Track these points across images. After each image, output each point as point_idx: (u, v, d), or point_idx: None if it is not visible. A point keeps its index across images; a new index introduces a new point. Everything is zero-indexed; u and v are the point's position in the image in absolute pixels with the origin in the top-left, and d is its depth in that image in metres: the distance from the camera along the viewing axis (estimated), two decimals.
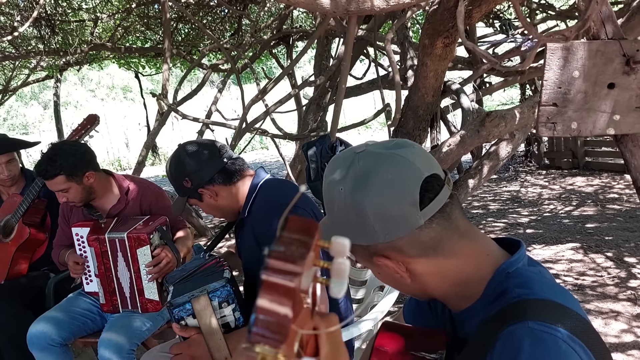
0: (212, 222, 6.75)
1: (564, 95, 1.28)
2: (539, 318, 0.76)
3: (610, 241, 4.45)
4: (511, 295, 0.81)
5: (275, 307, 0.40)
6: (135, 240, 2.13)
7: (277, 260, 0.41)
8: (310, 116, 5.30)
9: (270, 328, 0.40)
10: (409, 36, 4.29)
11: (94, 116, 2.71)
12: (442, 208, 0.84)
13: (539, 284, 0.83)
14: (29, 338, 2.22)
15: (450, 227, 0.85)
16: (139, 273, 2.17)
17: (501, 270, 0.85)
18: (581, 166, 7.68)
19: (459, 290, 0.88)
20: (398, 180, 0.82)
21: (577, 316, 0.79)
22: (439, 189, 0.84)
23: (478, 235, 0.89)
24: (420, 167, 0.83)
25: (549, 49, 1.28)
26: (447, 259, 0.86)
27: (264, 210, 1.70)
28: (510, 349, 0.75)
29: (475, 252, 0.87)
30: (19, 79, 8.25)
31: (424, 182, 0.83)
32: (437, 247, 0.85)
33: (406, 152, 0.85)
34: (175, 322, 1.48)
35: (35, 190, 2.61)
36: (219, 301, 1.46)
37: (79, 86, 26.27)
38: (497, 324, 0.79)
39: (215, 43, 4.49)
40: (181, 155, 1.74)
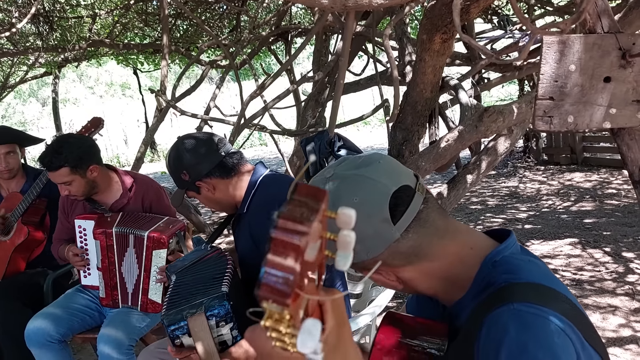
0: (210, 219, 6.76)
1: (560, 89, 1.28)
2: (525, 300, 0.76)
3: (608, 236, 4.46)
4: (498, 281, 0.82)
5: (283, 261, 0.42)
6: (155, 242, 2.13)
7: (286, 220, 0.43)
8: (308, 112, 5.29)
9: (278, 281, 0.42)
10: (407, 32, 4.29)
11: (98, 119, 2.69)
12: (416, 216, 0.85)
13: (526, 270, 0.83)
14: (27, 335, 2.22)
15: (428, 232, 0.86)
16: (149, 273, 2.18)
17: (487, 260, 0.86)
18: (579, 162, 7.69)
19: (448, 287, 0.90)
20: (365, 202, 0.83)
21: (565, 299, 0.79)
22: (409, 200, 0.85)
23: (459, 231, 0.90)
24: (386, 184, 0.84)
25: (545, 43, 1.28)
26: (431, 262, 0.87)
27: (261, 207, 1.70)
28: (495, 333, 0.75)
29: (458, 249, 0.88)
30: (17, 76, 8.23)
31: (392, 198, 0.84)
32: (419, 253, 0.86)
33: (371, 170, 0.86)
34: (170, 339, 1.43)
35: (36, 191, 2.60)
36: (216, 320, 1.42)
37: (77, 83, 26.23)
38: (483, 309, 0.79)
39: (214, 39, 4.49)
40: (179, 148, 1.75)
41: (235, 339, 1.45)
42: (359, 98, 14.60)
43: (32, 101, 25.60)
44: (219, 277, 1.54)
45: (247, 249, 1.76)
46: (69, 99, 24.45)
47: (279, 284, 0.42)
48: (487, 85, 5.27)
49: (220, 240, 5.22)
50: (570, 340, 0.74)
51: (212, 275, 1.58)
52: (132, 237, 2.19)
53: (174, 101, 4.17)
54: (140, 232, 2.16)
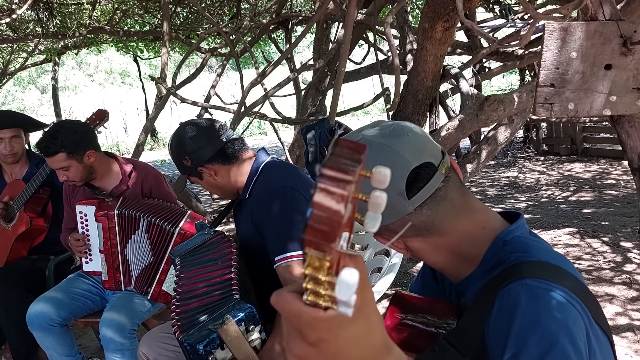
0: (211, 207, 6.78)
1: (561, 76, 1.29)
2: (536, 276, 0.79)
3: (606, 226, 4.48)
4: (509, 259, 0.84)
5: (330, 204, 0.42)
6: (185, 238, 2.09)
7: (331, 169, 0.43)
8: (309, 101, 5.29)
9: (324, 222, 0.42)
10: (409, 20, 4.28)
11: (103, 111, 2.67)
12: (434, 193, 0.87)
13: (536, 249, 0.85)
14: (29, 318, 2.24)
15: (444, 209, 0.88)
16: (169, 266, 2.17)
17: (498, 240, 0.88)
18: (579, 152, 7.70)
19: (456, 263, 0.91)
20: None
21: (574, 278, 0.81)
22: (429, 177, 0.86)
23: (475, 209, 0.91)
24: (409, 159, 0.85)
25: (547, 30, 1.28)
26: (441, 237, 0.89)
27: (264, 194, 1.72)
28: (507, 305, 0.77)
29: (470, 227, 0.90)
30: (17, 63, 8.21)
31: (411, 173, 0.85)
32: (430, 227, 0.88)
33: (398, 142, 0.86)
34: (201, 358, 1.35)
35: (39, 180, 2.60)
36: (245, 325, 1.37)
37: (77, 70, 26.14)
38: (495, 285, 0.81)
39: (215, 26, 4.47)
40: (181, 134, 1.76)
41: (264, 341, 1.43)
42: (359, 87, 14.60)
43: (32, 88, 25.52)
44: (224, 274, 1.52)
45: (248, 235, 1.77)
46: (68, 86, 24.38)
47: (325, 226, 0.42)
48: (488, 75, 5.27)
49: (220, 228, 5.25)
50: (580, 315, 0.76)
51: (216, 264, 1.58)
52: (144, 221, 2.20)
53: (175, 89, 4.16)
54: (164, 223, 2.14)
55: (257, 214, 1.71)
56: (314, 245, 0.43)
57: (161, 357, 1.86)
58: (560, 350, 0.72)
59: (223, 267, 1.57)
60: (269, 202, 1.67)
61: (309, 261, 0.44)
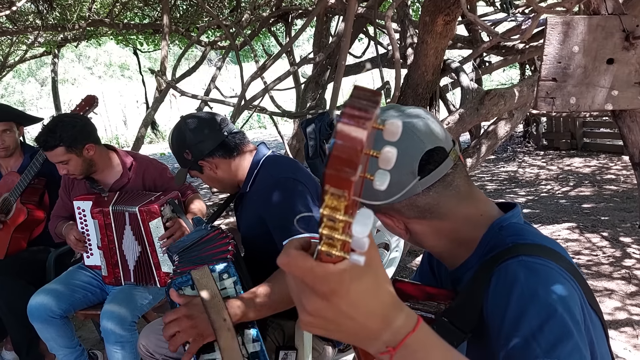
0: (210, 200, 6.78)
1: (563, 70, 1.28)
2: (532, 254, 0.81)
3: (606, 221, 4.49)
4: (504, 242, 0.86)
5: (352, 132, 0.45)
6: (147, 213, 2.13)
7: (352, 108, 0.45)
8: (308, 94, 5.28)
9: (345, 151, 0.45)
10: (409, 14, 4.26)
11: (92, 97, 2.67)
12: (442, 177, 0.89)
13: (531, 234, 0.88)
14: (30, 310, 2.24)
15: (449, 194, 0.90)
16: (154, 247, 2.18)
17: (495, 225, 0.90)
18: (579, 147, 7.70)
19: (454, 247, 0.93)
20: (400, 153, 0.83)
21: (568, 261, 0.84)
22: (440, 161, 0.88)
23: (477, 198, 0.94)
24: (424, 140, 0.87)
25: (549, 24, 1.28)
26: (442, 221, 0.91)
27: (265, 186, 1.72)
28: (505, 279, 0.80)
29: (470, 213, 0.92)
30: (17, 55, 8.18)
31: (425, 155, 0.87)
32: (434, 210, 0.90)
33: (413, 123, 0.88)
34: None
35: (33, 170, 2.59)
36: (219, 273, 1.43)
37: (76, 63, 26.06)
38: (491, 263, 0.84)
39: (215, 19, 4.46)
40: (182, 127, 1.76)
41: (239, 293, 1.46)
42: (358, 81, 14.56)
43: (31, 81, 25.44)
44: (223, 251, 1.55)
45: (251, 228, 1.77)
46: (67, 79, 24.30)
47: (347, 154, 0.45)
48: (489, 69, 5.26)
49: (219, 222, 5.24)
50: (575, 292, 0.79)
51: (216, 252, 1.59)
52: (127, 214, 2.20)
53: (174, 82, 4.15)
54: (131, 208, 2.16)
55: (260, 207, 1.71)
56: (335, 179, 0.45)
57: (160, 349, 1.87)
58: (559, 319, 0.74)
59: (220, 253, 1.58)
60: (271, 194, 1.68)
61: (327, 202, 0.46)
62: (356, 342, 0.59)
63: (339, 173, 0.45)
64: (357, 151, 0.45)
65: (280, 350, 1.71)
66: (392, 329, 0.57)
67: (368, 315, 0.55)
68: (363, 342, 0.59)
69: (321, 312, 0.54)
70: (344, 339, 0.59)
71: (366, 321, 0.56)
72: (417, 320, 0.59)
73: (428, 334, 0.61)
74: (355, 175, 0.45)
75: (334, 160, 0.45)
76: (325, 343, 1.86)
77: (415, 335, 0.58)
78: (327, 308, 0.53)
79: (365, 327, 0.56)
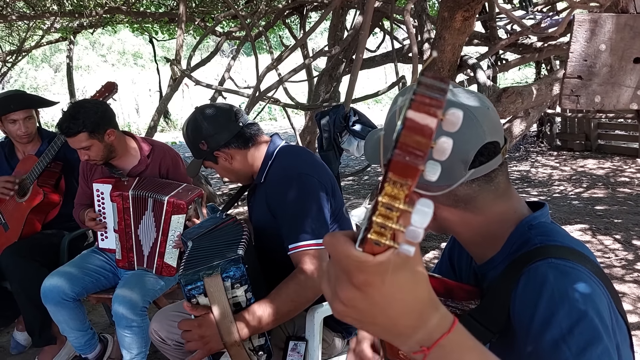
0: (220, 190, 6.80)
1: (589, 68, 1.27)
2: (561, 257, 0.80)
3: (619, 224, 4.45)
4: (533, 242, 0.85)
5: (422, 119, 0.44)
6: (175, 207, 2.16)
7: (423, 96, 0.45)
8: (322, 87, 5.27)
9: (414, 140, 0.44)
10: (426, 9, 4.23)
11: (112, 84, 2.69)
12: (488, 172, 0.88)
13: (561, 235, 0.87)
14: (43, 292, 2.26)
15: (489, 189, 0.89)
16: (166, 237, 2.21)
17: (524, 223, 0.89)
18: (593, 149, 7.63)
19: (481, 241, 0.93)
20: (460, 137, 0.82)
21: (595, 264, 0.83)
22: (491, 157, 0.87)
23: (513, 197, 0.93)
24: (485, 131, 0.85)
25: (577, 21, 1.26)
26: (474, 214, 0.90)
27: (278, 178, 1.72)
28: (534, 281, 0.79)
29: (503, 211, 0.91)
30: (33, 40, 8.22)
31: (482, 147, 0.85)
32: (470, 203, 0.89)
33: (480, 112, 0.86)
34: (186, 299, 1.45)
35: (51, 154, 2.61)
36: (231, 282, 1.43)
37: (90, 51, 26.16)
38: (520, 263, 0.83)
39: (232, 9, 4.45)
40: (198, 118, 1.75)
41: (249, 301, 1.47)
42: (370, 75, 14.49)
43: (45, 67, 25.59)
44: (235, 241, 1.55)
45: (262, 219, 1.77)
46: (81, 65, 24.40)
47: (417, 142, 0.44)
48: (506, 66, 5.21)
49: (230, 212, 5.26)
50: (603, 295, 0.78)
51: (228, 241, 1.59)
52: (150, 200, 2.22)
53: (189, 71, 4.15)
54: (159, 196, 2.19)
55: (272, 199, 1.71)
56: (402, 168, 0.44)
57: (171, 335, 1.88)
58: (589, 322, 0.74)
59: (233, 238, 1.59)
60: (284, 188, 1.68)
61: (387, 189, 0.45)
62: (390, 338, 0.58)
63: (406, 161, 0.44)
64: (427, 140, 0.44)
65: (290, 340, 1.72)
66: (427, 328, 0.56)
67: (403, 311, 0.54)
68: (396, 339, 0.57)
69: (354, 302, 0.53)
70: (378, 333, 0.58)
71: (400, 317, 0.54)
72: (453, 321, 0.58)
73: (464, 335, 0.59)
74: (423, 165, 0.44)
75: (402, 148, 0.44)
76: (334, 335, 1.87)
77: (450, 336, 0.57)
78: (361, 298, 0.52)
79: (399, 323, 0.55)
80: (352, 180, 6.92)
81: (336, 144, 3.06)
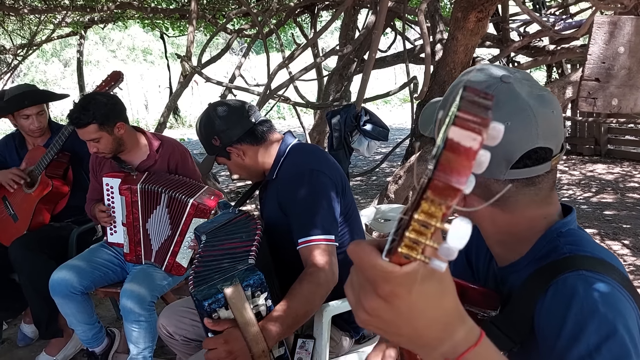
0: (228, 187, 6.81)
1: (607, 71, 1.26)
2: (591, 269, 0.78)
3: (628, 229, 4.42)
4: (562, 251, 0.83)
5: (465, 139, 0.42)
6: (199, 210, 2.16)
7: (466, 113, 0.43)
8: (332, 86, 5.26)
9: (457, 160, 0.42)
10: (439, 9, 4.22)
11: (117, 73, 2.70)
12: (531, 177, 0.84)
13: (590, 244, 0.84)
14: (51, 285, 2.27)
15: (527, 192, 0.85)
16: (183, 238, 2.22)
17: (554, 230, 0.87)
18: (603, 153, 7.58)
19: (506, 241, 0.90)
20: (509, 135, 0.79)
21: (624, 275, 0.81)
22: (538, 162, 0.83)
23: (552, 203, 0.89)
24: (540, 135, 0.82)
25: (596, 23, 1.25)
26: (504, 213, 0.87)
27: (290, 175, 1.72)
28: (563, 293, 0.77)
29: (535, 216, 0.88)
30: (44, 34, 8.26)
31: (531, 150, 0.82)
32: (502, 201, 0.86)
33: (541, 112, 0.82)
34: (206, 315, 1.38)
35: (58, 144, 2.62)
36: (252, 290, 1.39)
37: (99, 46, 26.25)
38: (548, 273, 0.80)
39: (244, 6, 4.45)
40: (211, 114, 1.75)
41: (269, 309, 1.44)
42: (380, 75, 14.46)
43: (55, 61, 25.71)
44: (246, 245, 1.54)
45: (273, 215, 1.77)
46: (90, 60, 24.48)
47: (459, 163, 0.42)
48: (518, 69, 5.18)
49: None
50: (632, 309, 0.76)
51: (240, 238, 1.59)
52: (165, 196, 2.22)
53: (200, 67, 4.16)
54: (181, 195, 2.18)
55: (283, 195, 1.71)
56: (442, 189, 0.43)
57: (179, 330, 1.89)
58: (619, 339, 0.72)
59: (246, 240, 1.58)
60: (296, 184, 1.68)
61: (424, 207, 0.44)
62: (414, 348, 0.57)
63: (447, 183, 0.43)
64: (470, 163, 0.42)
65: (298, 338, 1.72)
66: (453, 341, 0.55)
67: (428, 323, 0.53)
68: (421, 350, 0.57)
69: (379, 312, 0.52)
70: (402, 343, 0.57)
71: (426, 328, 0.53)
72: (479, 335, 0.57)
73: (489, 349, 0.58)
74: (465, 186, 0.43)
75: (443, 169, 0.42)
76: (342, 334, 1.86)
77: (476, 350, 0.56)
78: (386, 309, 0.51)
79: (425, 334, 0.54)
80: (360, 180, 6.91)
81: (346, 143, 3.06)
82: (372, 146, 3.03)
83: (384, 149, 8.34)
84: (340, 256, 1.68)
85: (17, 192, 2.71)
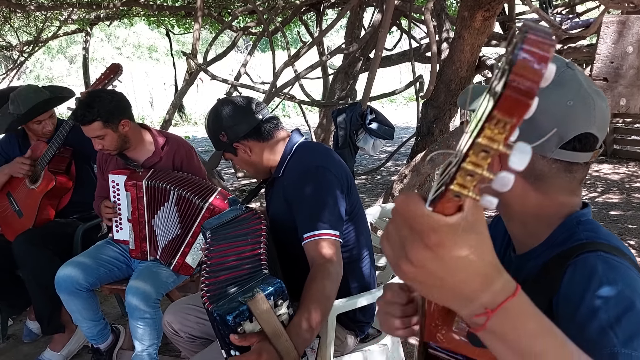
0: (232, 185, 6.82)
1: (615, 70, 1.25)
2: (610, 253, 0.81)
3: (633, 230, 4.40)
4: (579, 237, 0.86)
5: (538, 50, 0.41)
6: (214, 214, 2.11)
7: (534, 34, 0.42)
8: (337, 85, 5.26)
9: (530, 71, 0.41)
10: (446, 7, 4.20)
11: (117, 65, 2.69)
12: (573, 162, 0.88)
13: (606, 234, 0.88)
14: (57, 281, 2.28)
15: (564, 177, 0.89)
16: (195, 239, 2.22)
17: (573, 218, 0.90)
18: (609, 154, 7.55)
19: (530, 223, 0.93)
20: (573, 112, 0.84)
21: (637, 263, 0.84)
22: (586, 149, 0.87)
23: (577, 195, 0.93)
24: (595, 122, 0.86)
25: (605, 23, 1.25)
26: (536, 192, 0.90)
27: (296, 173, 1.72)
28: (582, 272, 0.80)
29: (562, 202, 0.91)
30: (49, 31, 8.28)
31: (583, 135, 0.86)
32: (540, 179, 0.89)
33: (599, 104, 0.87)
34: (230, 331, 1.32)
35: (60, 139, 2.62)
36: (274, 300, 1.35)
37: (105, 43, 26.31)
38: (566, 256, 0.83)
39: (250, 4, 4.46)
40: (219, 110, 1.76)
41: (291, 317, 1.42)
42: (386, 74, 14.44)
43: (60, 58, 25.77)
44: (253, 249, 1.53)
45: (279, 212, 1.78)
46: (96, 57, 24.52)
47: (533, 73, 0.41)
48: None
49: None
50: None
51: (247, 239, 1.59)
52: (174, 194, 2.22)
53: (206, 65, 4.17)
54: (195, 197, 2.17)
55: (290, 192, 1.71)
56: (510, 104, 0.42)
57: (184, 327, 1.90)
58: (637, 313, 0.74)
59: (253, 243, 1.58)
60: (302, 180, 1.68)
61: (487, 131, 0.44)
62: (453, 300, 0.58)
63: (518, 96, 0.41)
64: (541, 73, 0.41)
65: None
66: (492, 291, 0.56)
67: (470, 273, 0.54)
68: (460, 301, 0.57)
69: (425, 263, 0.53)
70: (442, 296, 0.57)
71: (468, 279, 0.55)
72: (516, 286, 0.58)
73: (526, 302, 0.60)
74: (534, 102, 0.42)
75: (516, 79, 0.41)
76: (347, 332, 1.87)
77: (514, 300, 0.57)
78: (432, 259, 0.52)
79: (466, 285, 0.55)
80: (365, 179, 6.91)
81: (352, 141, 3.06)
82: (377, 145, 3.03)
83: (389, 147, 8.33)
84: (344, 255, 1.68)
85: (21, 188, 2.72)
